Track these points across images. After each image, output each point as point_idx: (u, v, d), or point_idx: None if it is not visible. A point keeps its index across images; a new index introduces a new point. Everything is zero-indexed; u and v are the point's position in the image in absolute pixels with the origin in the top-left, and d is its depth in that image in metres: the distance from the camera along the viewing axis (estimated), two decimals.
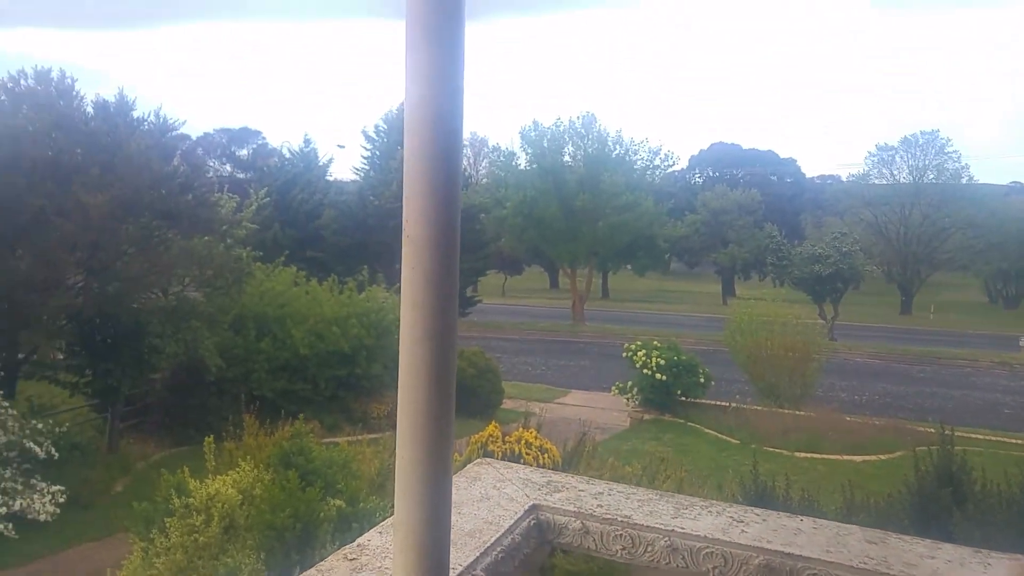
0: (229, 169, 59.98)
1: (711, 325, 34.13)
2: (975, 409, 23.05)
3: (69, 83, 15.41)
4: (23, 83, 14.86)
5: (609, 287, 58.26)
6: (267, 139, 67.53)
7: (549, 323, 39.85)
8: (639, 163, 43.01)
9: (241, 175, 49.57)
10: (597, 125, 41.42)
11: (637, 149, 42.68)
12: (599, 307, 47.65)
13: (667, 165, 45.78)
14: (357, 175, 37.69)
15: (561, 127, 41.57)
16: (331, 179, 37.59)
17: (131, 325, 14.84)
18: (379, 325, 18.38)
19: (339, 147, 49.79)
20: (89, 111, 15.80)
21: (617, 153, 41.49)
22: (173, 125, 18.57)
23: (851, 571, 2.05)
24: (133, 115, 17.11)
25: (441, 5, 1.18)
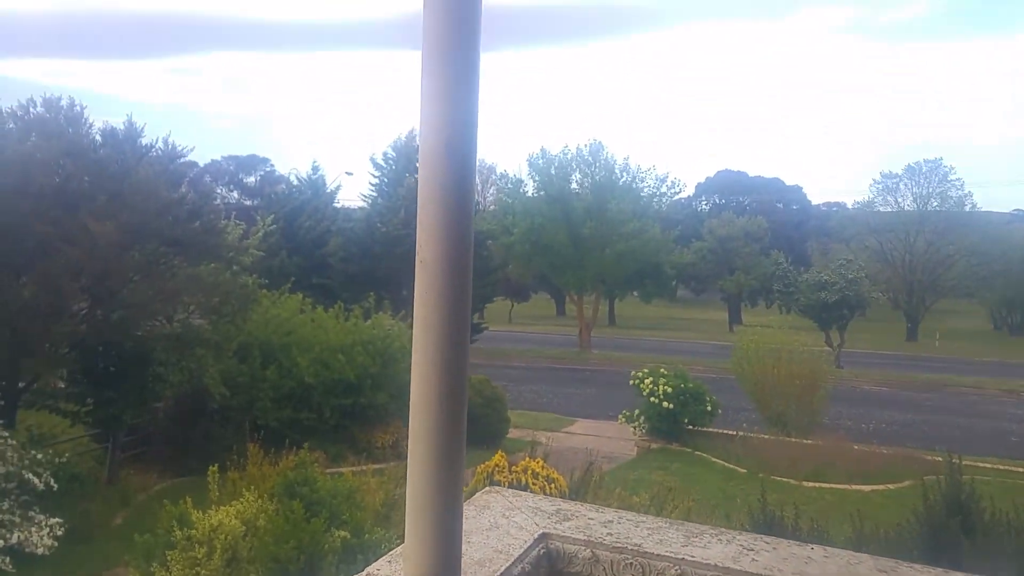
0: (236, 196, 60.44)
1: (718, 352, 33.98)
2: (983, 437, 22.81)
3: (78, 111, 15.57)
4: (32, 111, 15.04)
5: (616, 314, 58.17)
6: (275, 166, 68.11)
7: (556, 350, 39.71)
8: (646, 190, 43.07)
9: (248, 202, 49.93)
10: (604, 153, 41.66)
11: (644, 176, 42.76)
12: (606, 334, 47.51)
13: (674, 192, 45.86)
14: (365, 202, 37.87)
15: (568, 155, 41.81)
16: (339, 206, 37.78)
17: (135, 353, 14.79)
18: (385, 353, 18.31)
19: (347, 174, 50.36)
20: (98, 138, 15.96)
21: (624, 181, 41.61)
22: (181, 152, 18.73)
23: None
24: (141, 142, 17.29)
25: (457, 37, 1.21)
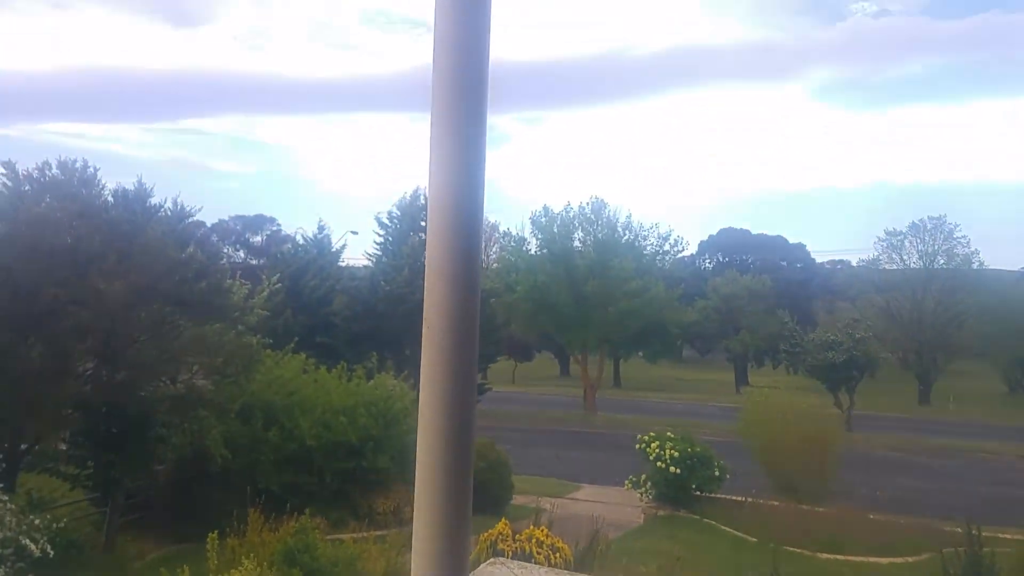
0: (243, 255, 60.89)
1: (724, 415, 33.53)
2: (1002, 506, 22.21)
3: (92, 172, 15.88)
4: (48, 173, 15.33)
5: (621, 375, 57.70)
6: (281, 225, 68.77)
7: (560, 412, 39.24)
8: (649, 248, 43.22)
9: (254, 261, 50.24)
10: (607, 210, 41.85)
11: (647, 234, 43.00)
12: (611, 396, 47.04)
13: (677, 250, 46.01)
14: (369, 260, 38.10)
15: (571, 212, 42.02)
16: (343, 264, 38.03)
17: (137, 415, 14.63)
18: (387, 415, 18.11)
19: (352, 233, 50.68)
20: (110, 199, 16.18)
21: (627, 239, 41.77)
22: (189, 212, 18.99)
23: None
24: (151, 202, 17.52)
25: (465, 100, 1.24)
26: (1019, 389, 56.71)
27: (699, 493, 19.89)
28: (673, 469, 19.45)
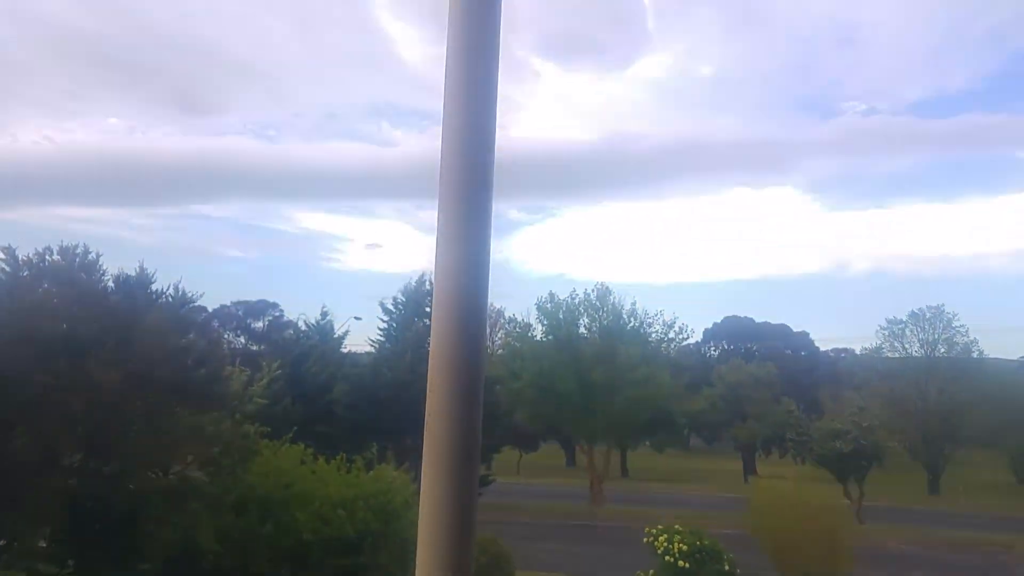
0: (244, 341, 60.69)
1: (733, 505, 32.63)
2: None
3: (93, 258, 15.81)
4: (48, 259, 15.27)
5: (628, 465, 56.49)
6: (284, 311, 68.72)
7: (566, 504, 38.29)
8: (654, 335, 43.04)
9: (255, 347, 50.02)
10: (611, 297, 41.98)
11: (651, 321, 42.89)
12: (618, 486, 45.96)
13: (682, 338, 45.85)
14: (372, 347, 37.88)
15: (576, 299, 42.05)
16: (346, 351, 37.76)
17: (125, 509, 14.01)
18: (387, 508, 17.52)
19: (356, 319, 50.76)
20: (110, 285, 16.10)
21: (632, 325, 41.63)
22: (191, 298, 18.88)
23: None
24: (152, 288, 17.43)
25: (471, 189, 1.26)
26: None
27: None
28: (682, 563, 18.78)
